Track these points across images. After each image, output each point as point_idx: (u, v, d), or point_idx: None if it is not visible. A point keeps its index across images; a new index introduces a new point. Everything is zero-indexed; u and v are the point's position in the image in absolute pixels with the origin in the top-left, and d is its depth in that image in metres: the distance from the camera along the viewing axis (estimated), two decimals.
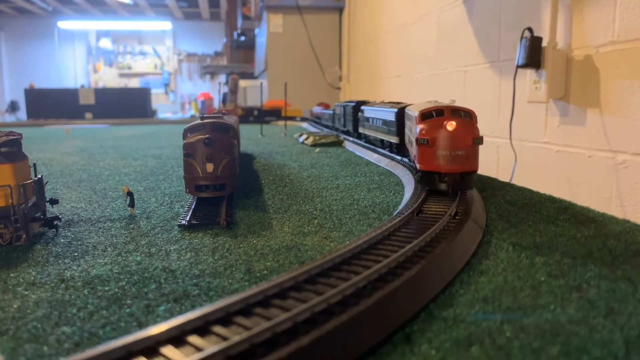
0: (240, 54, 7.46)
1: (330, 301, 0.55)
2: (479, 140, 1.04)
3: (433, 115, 1.09)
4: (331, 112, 3.10)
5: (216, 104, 6.72)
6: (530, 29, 1.76)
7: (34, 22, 10.55)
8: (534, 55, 1.74)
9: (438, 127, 1.05)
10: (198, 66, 10.99)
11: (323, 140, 2.48)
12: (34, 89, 6.46)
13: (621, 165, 1.48)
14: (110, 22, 10.71)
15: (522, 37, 1.77)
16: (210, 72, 9.17)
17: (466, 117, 1.07)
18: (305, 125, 3.98)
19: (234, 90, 5.19)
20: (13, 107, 9.18)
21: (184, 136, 1.17)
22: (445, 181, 1.05)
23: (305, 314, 0.52)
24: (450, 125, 1.03)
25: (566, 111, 1.72)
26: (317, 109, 3.82)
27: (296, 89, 4.57)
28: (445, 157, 1.04)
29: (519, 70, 1.85)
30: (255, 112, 4.44)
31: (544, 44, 1.71)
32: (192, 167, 1.12)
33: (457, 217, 0.89)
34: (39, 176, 1.00)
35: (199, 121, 1.19)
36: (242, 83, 5.10)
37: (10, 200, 0.88)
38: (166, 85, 11.12)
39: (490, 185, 1.39)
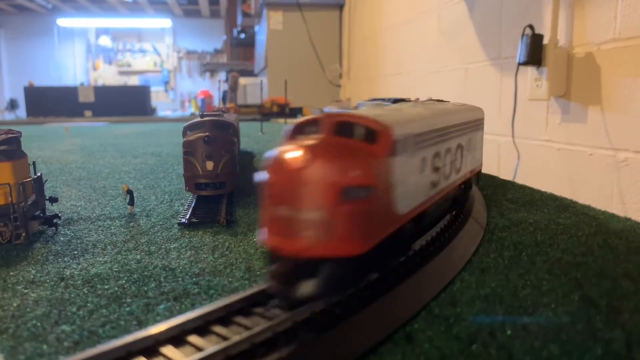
0: (240, 52, 7.45)
1: (330, 301, 0.55)
2: (359, 191, 0.49)
3: (304, 130, 0.58)
4: None
5: (216, 101, 6.71)
6: (531, 26, 1.75)
7: (34, 19, 10.53)
8: (535, 52, 1.74)
9: (284, 160, 0.51)
10: (198, 64, 10.97)
11: None
12: (34, 87, 6.45)
13: (622, 163, 1.48)
14: (110, 19, 10.70)
15: (523, 35, 1.77)
16: (210, 69, 9.17)
17: (366, 139, 0.55)
18: None
19: (233, 87, 5.18)
20: (12, 105, 9.17)
21: (184, 134, 1.17)
22: (272, 271, 0.52)
23: (305, 313, 0.51)
24: (294, 160, 0.50)
25: (567, 109, 1.71)
26: (331, 110, 3.56)
27: (296, 86, 4.56)
28: (277, 223, 0.50)
29: (520, 67, 1.84)
30: (287, 110, 4.53)
31: (545, 41, 1.71)
32: (192, 165, 1.12)
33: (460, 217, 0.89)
34: (38, 174, 0.99)
35: (198, 119, 1.19)
36: (242, 81, 5.09)
37: (10, 199, 0.88)
38: (166, 83, 11.10)
39: (492, 184, 1.39)
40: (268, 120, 4.41)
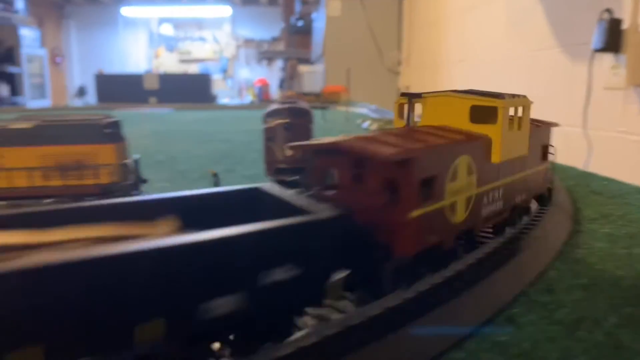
0: (298, 39, 7.48)
1: (435, 282, 0.56)
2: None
3: None
4: None
5: (273, 89, 6.80)
6: (609, 10, 1.68)
7: (100, 10, 10.99)
8: (613, 38, 1.67)
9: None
10: (255, 52, 11.11)
11: (389, 127, 2.48)
12: (104, 74, 6.75)
13: None
14: (171, 7, 10.99)
15: (599, 19, 1.70)
16: (267, 57, 9.27)
17: None
18: (365, 111, 3.97)
19: (292, 75, 5.24)
20: (81, 91, 9.65)
21: (264, 121, 1.21)
22: None
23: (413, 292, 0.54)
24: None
25: None
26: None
27: (353, 74, 4.55)
28: None
29: (596, 54, 1.78)
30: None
31: (625, 26, 1.64)
32: (272, 150, 1.16)
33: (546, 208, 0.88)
34: (136, 156, 1.06)
35: (277, 106, 1.23)
36: (302, 68, 5.13)
37: (114, 178, 0.95)
38: (224, 71, 11.32)
39: (572, 175, 1.35)
40: (327, 108, 4.43)
